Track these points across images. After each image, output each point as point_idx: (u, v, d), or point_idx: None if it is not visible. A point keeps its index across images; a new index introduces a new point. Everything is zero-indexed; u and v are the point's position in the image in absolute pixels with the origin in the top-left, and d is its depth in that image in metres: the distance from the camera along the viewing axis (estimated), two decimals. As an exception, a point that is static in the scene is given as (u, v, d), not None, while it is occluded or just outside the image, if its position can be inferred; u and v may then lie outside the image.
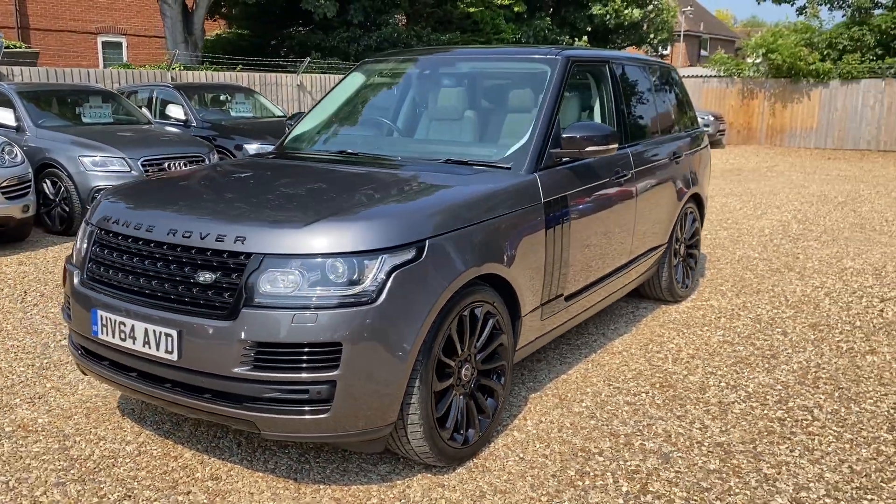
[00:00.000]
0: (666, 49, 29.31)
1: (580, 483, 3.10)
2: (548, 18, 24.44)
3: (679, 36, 40.96)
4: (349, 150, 4.04)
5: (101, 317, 3.06)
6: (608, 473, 3.17)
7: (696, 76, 23.26)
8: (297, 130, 4.56)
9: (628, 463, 3.26)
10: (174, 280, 2.92)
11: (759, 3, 25.58)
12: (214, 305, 2.82)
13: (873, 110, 20.92)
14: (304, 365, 2.73)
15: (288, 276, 2.76)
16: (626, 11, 24.65)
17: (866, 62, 21.20)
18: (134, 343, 2.95)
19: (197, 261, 2.89)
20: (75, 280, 3.27)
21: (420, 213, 3.03)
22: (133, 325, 2.95)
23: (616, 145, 3.89)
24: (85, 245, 3.35)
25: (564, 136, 3.77)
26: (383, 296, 2.77)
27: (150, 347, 2.91)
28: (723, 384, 4.13)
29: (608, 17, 24.83)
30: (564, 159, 3.89)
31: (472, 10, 22.53)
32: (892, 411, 3.82)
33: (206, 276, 2.85)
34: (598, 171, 4.17)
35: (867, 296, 5.93)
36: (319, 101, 4.68)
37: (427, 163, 3.78)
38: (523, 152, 3.71)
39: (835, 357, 4.58)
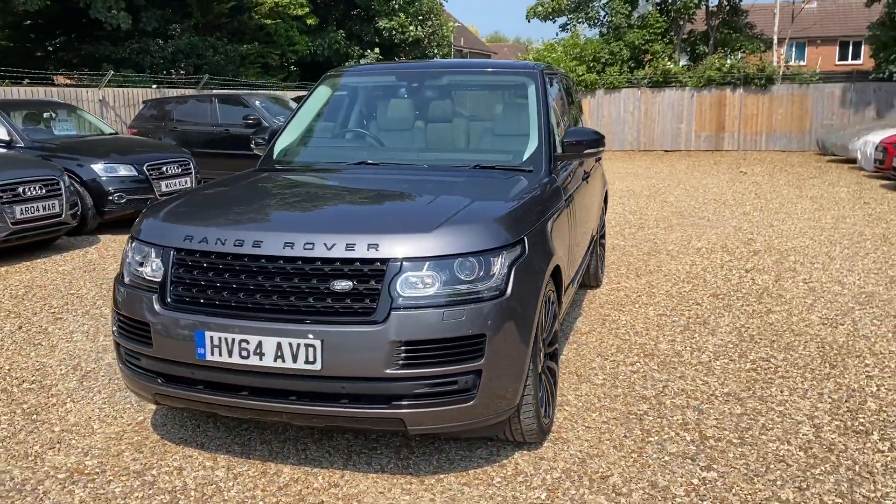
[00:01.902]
0: (446, 61, 30.97)
1: (651, 439, 3.57)
2: (340, 32, 24.77)
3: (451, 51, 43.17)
4: (369, 161, 4.16)
5: (211, 338, 2.97)
6: (666, 428, 3.68)
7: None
8: (283, 144, 4.54)
9: (674, 418, 3.79)
10: (302, 292, 2.94)
11: (528, 21, 27.97)
12: (357, 311, 2.90)
13: (633, 116, 23.84)
14: (454, 357, 2.92)
15: (426, 277, 2.92)
16: (410, 28, 25.71)
17: (624, 74, 24.12)
18: (261, 359, 2.92)
19: (324, 270, 2.94)
20: (155, 306, 3.11)
21: (517, 213, 3.32)
22: (260, 342, 2.92)
23: (604, 147, 4.42)
24: (153, 267, 3.19)
25: (566, 140, 4.23)
26: (509, 288, 3.04)
27: (283, 361, 2.90)
28: (689, 348, 4.84)
29: (394, 31, 25.72)
30: (559, 161, 4.35)
31: (267, 21, 22.20)
32: (820, 352, 4.75)
33: (342, 285, 2.91)
34: (578, 171, 4.69)
35: (734, 269, 7.08)
36: (294, 115, 4.68)
37: (458, 169, 4.04)
38: (538, 156, 4.10)
39: (748, 318, 5.51)
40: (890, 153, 14.47)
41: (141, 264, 3.28)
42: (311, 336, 2.88)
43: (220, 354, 2.97)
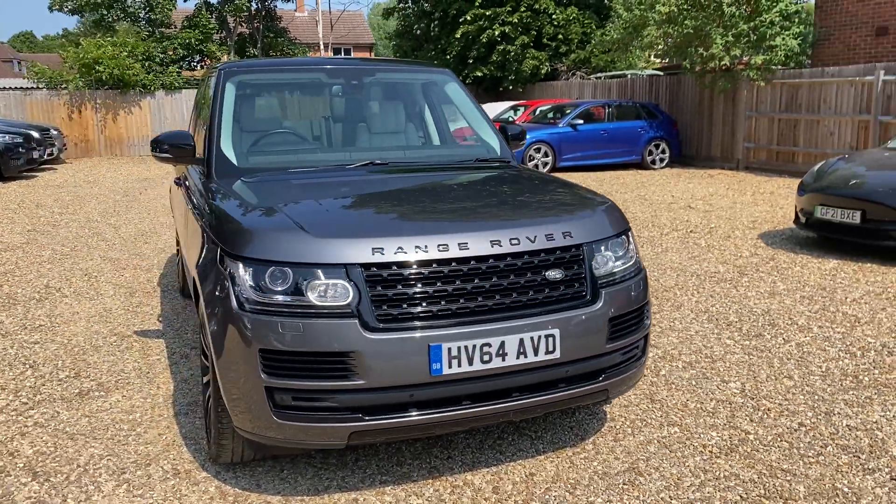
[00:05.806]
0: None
1: (662, 373, 4.31)
2: None
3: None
4: (378, 161, 3.92)
5: (449, 350, 2.75)
6: (657, 362, 4.46)
7: (16, 88, 21.49)
8: (232, 149, 3.93)
9: (650, 353, 4.61)
10: (521, 286, 2.92)
11: (51, 12, 24.78)
12: (573, 296, 3.02)
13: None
14: (636, 326, 3.25)
15: (606, 257, 3.20)
16: None
17: (182, 75, 23.42)
18: (503, 360, 2.83)
19: (534, 262, 2.97)
20: (360, 332, 2.70)
21: (603, 197, 3.72)
22: (503, 342, 2.82)
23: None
24: (322, 291, 2.74)
25: (510, 133, 4.66)
26: (641, 261, 3.49)
27: (525, 357, 2.86)
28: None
29: None
30: None
31: None
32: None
33: (553, 273, 3.00)
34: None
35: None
36: (220, 117, 4.03)
37: (465, 163, 4.15)
38: (506, 148, 4.44)
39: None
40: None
41: (292, 292, 2.76)
42: (549, 326, 2.92)
43: (460, 364, 2.77)
